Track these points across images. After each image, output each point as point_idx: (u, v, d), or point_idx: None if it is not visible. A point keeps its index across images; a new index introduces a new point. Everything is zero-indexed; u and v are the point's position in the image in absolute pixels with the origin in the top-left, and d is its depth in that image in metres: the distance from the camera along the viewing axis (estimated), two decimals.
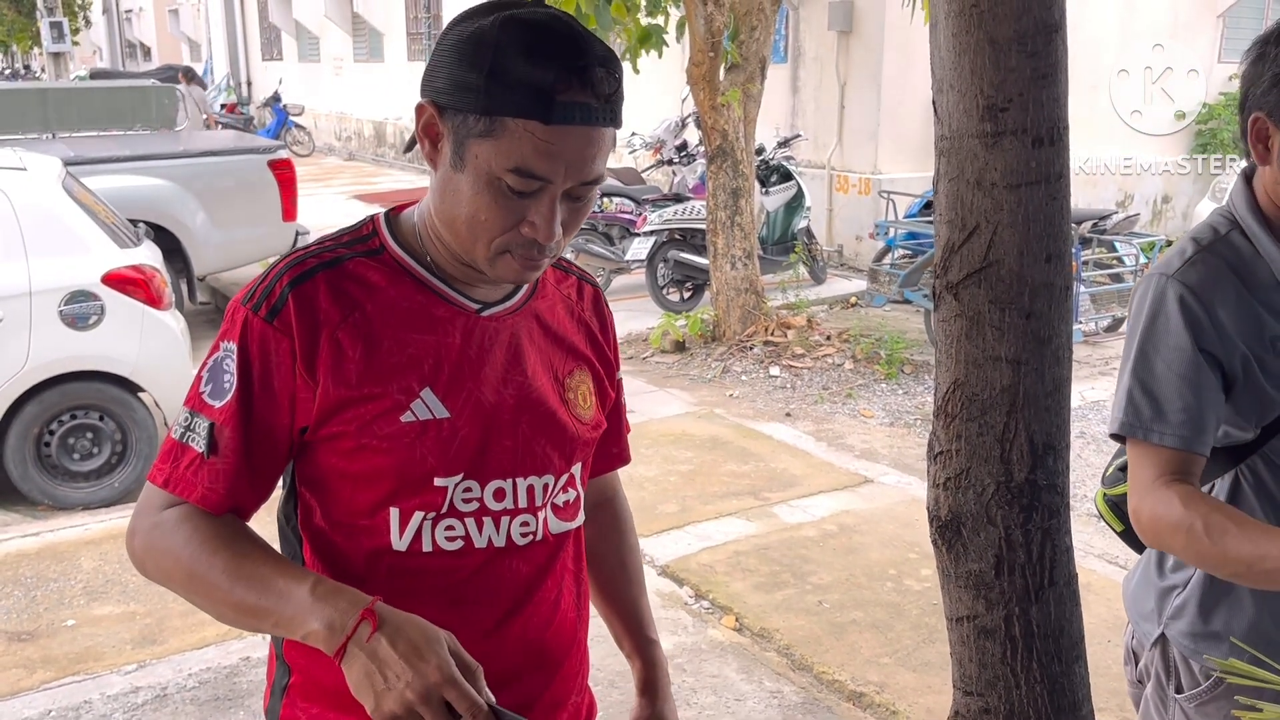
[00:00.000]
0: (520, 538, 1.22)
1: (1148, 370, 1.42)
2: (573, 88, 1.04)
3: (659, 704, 1.45)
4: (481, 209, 1.08)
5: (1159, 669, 1.59)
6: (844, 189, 9.69)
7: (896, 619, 3.72)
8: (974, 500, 0.95)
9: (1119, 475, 1.74)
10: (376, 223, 1.22)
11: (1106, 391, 6.32)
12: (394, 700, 0.96)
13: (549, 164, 1.05)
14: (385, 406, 1.14)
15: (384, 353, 1.14)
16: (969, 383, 0.94)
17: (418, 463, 1.15)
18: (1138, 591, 1.64)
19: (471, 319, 1.20)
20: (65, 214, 4.85)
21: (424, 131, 1.11)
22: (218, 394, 1.12)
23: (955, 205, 0.94)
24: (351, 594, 1.03)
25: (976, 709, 0.97)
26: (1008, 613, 0.95)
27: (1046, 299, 0.93)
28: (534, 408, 1.22)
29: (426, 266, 1.19)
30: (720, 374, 6.67)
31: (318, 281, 1.14)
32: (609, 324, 1.39)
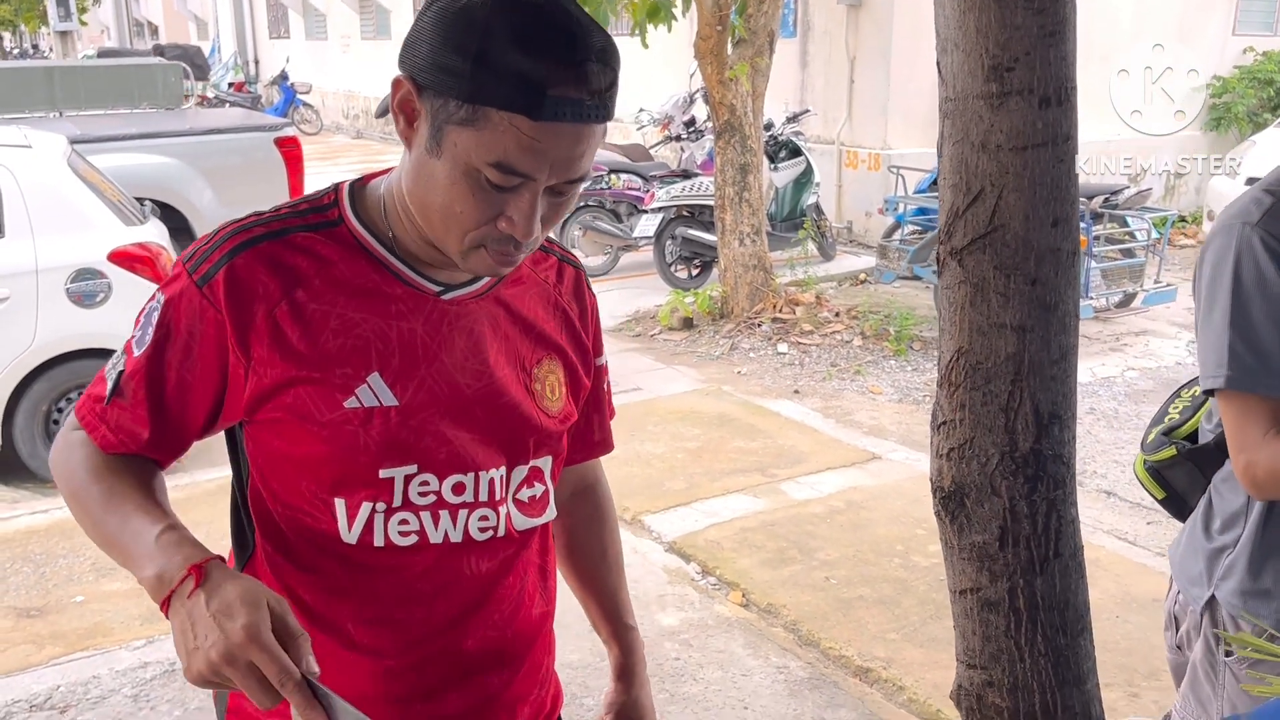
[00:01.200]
0: (479, 533, 1.16)
1: (1246, 321, 1.38)
2: (565, 82, 0.96)
3: (635, 690, 1.42)
4: (457, 200, 1.01)
5: (1209, 633, 1.58)
6: (853, 164, 9.63)
7: (903, 595, 3.71)
8: (978, 471, 0.93)
9: (1162, 440, 1.72)
10: (339, 193, 1.15)
11: (1118, 368, 6.29)
12: (200, 660, 0.90)
13: (533, 161, 0.98)
14: (326, 390, 1.08)
15: (329, 333, 1.08)
16: (973, 351, 0.92)
17: (360, 451, 1.09)
18: (1185, 556, 1.62)
19: (431, 302, 1.13)
20: (71, 192, 4.84)
21: (399, 107, 1.03)
22: (139, 343, 1.09)
23: (959, 169, 0.92)
24: (193, 549, 0.98)
25: (980, 682, 0.95)
26: (1012, 585, 0.93)
27: (1053, 265, 0.91)
28: (495, 398, 1.16)
29: (388, 244, 1.12)
30: (728, 351, 6.64)
31: (260, 252, 1.08)
32: (590, 309, 1.31)
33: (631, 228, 8.00)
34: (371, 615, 1.14)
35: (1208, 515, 1.59)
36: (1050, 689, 0.95)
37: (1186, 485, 1.68)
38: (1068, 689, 0.95)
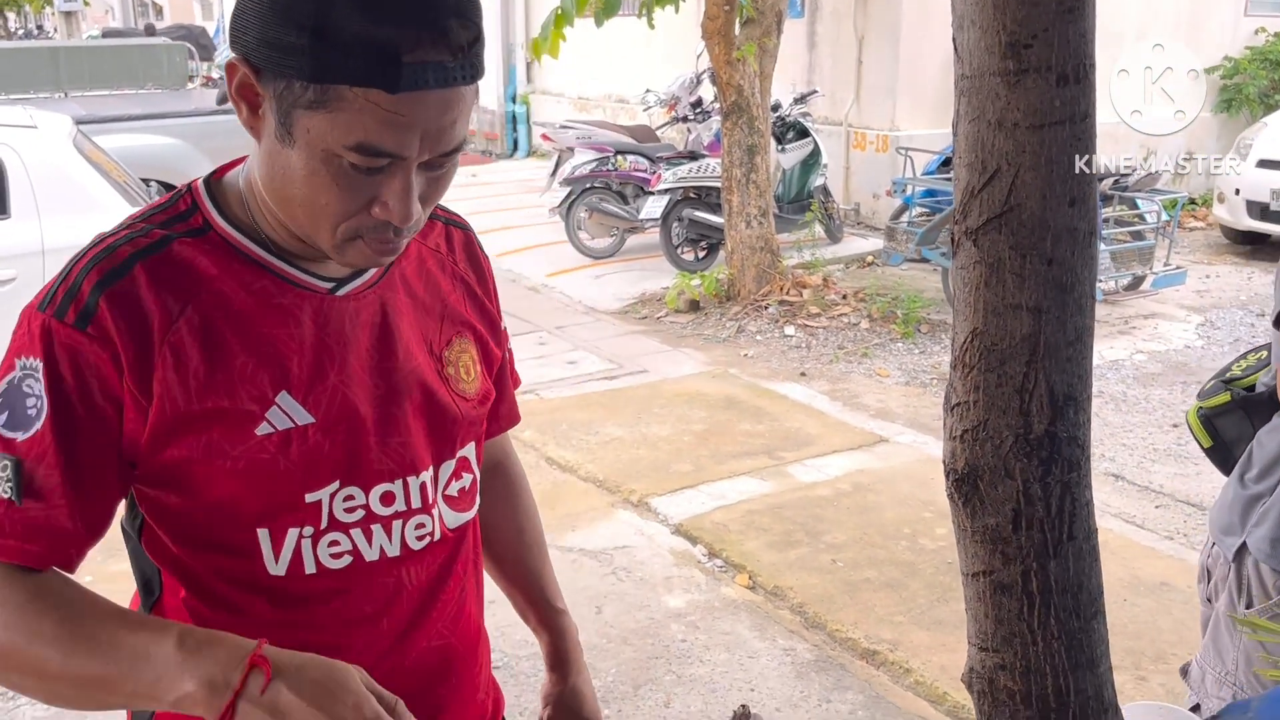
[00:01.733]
0: (416, 542, 1.07)
1: None
2: (423, 45, 0.85)
3: (572, 677, 1.32)
4: (320, 191, 0.90)
5: (1233, 585, 1.59)
6: (861, 146, 9.58)
7: (911, 578, 3.71)
8: (991, 453, 0.92)
9: (1220, 386, 1.72)
10: (196, 195, 1.01)
11: (1126, 351, 6.26)
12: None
13: (399, 137, 0.87)
14: (236, 420, 0.96)
15: (227, 355, 0.96)
16: (988, 332, 0.91)
17: (282, 479, 0.98)
18: (1220, 509, 1.64)
19: (325, 301, 1.01)
20: (77, 172, 4.83)
21: (238, 94, 0.90)
22: (20, 424, 0.90)
23: (975, 147, 0.91)
24: (229, 640, 0.86)
25: (992, 665, 0.95)
26: (1025, 568, 0.92)
27: (1069, 245, 0.89)
28: (411, 394, 1.06)
29: (263, 243, 1.00)
30: (735, 334, 6.63)
31: (136, 276, 0.93)
32: (486, 271, 1.21)
33: (638, 209, 7.97)
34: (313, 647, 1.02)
35: (1246, 465, 1.61)
36: (1063, 672, 0.94)
37: (1235, 435, 1.70)
38: (1081, 672, 0.95)
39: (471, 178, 12.17)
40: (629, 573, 3.77)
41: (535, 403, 5.45)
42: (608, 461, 4.72)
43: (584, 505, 4.34)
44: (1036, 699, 0.98)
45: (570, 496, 4.42)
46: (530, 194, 10.23)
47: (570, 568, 3.80)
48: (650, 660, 3.25)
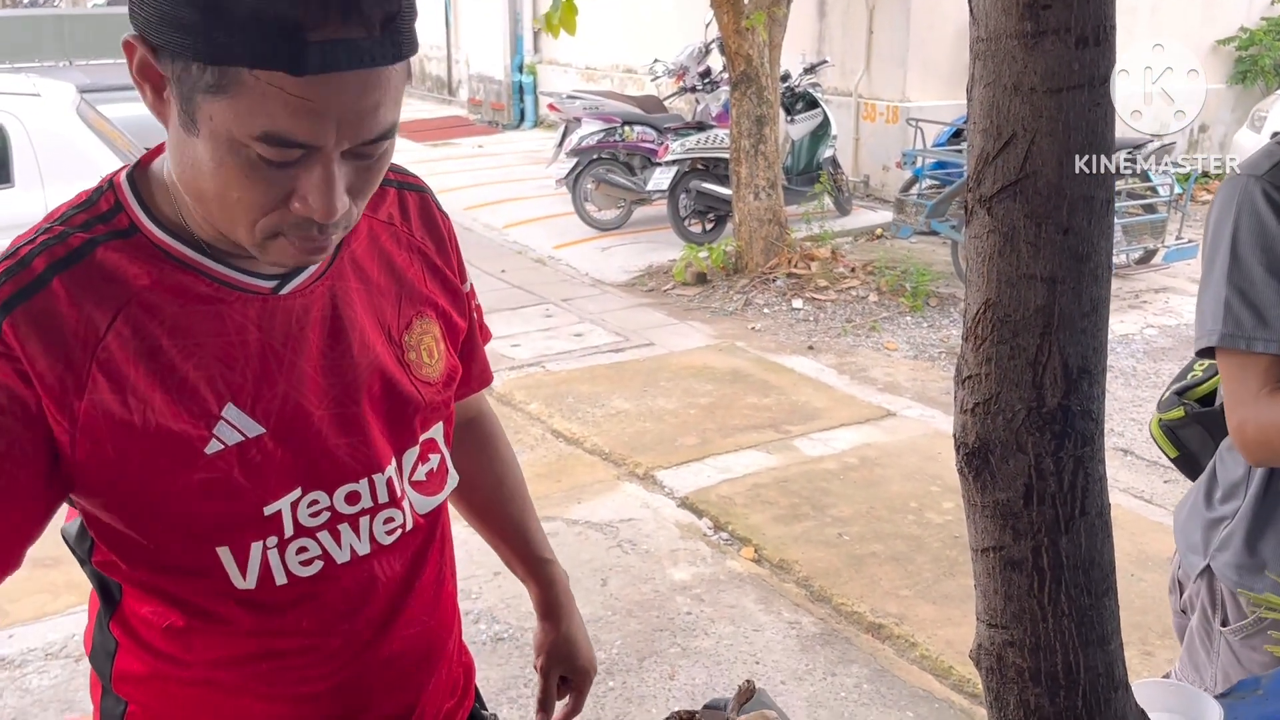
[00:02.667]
0: (386, 536, 1.03)
1: (1244, 277, 1.35)
2: (331, 20, 0.76)
3: (564, 624, 1.30)
4: (231, 184, 0.81)
5: (1205, 602, 1.56)
6: (871, 117, 9.49)
7: (917, 552, 3.70)
8: (1003, 426, 0.90)
9: (1174, 399, 1.68)
10: (119, 192, 0.91)
11: (1137, 325, 6.22)
12: None
13: (310, 125, 0.78)
14: (183, 440, 0.89)
15: (165, 370, 0.88)
16: (1001, 303, 0.89)
17: (238, 495, 0.92)
18: (1187, 523, 1.60)
19: (268, 302, 0.94)
20: (81, 141, 4.81)
21: (140, 74, 0.81)
22: None
23: (990, 112, 0.88)
24: None
25: (1001, 642, 0.93)
26: (1036, 544, 0.91)
27: (1086, 213, 0.87)
28: (369, 388, 1.00)
29: (194, 243, 0.91)
30: (742, 307, 6.60)
31: (54, 290, 0.85)
32: (446, 235, 1.12)
33: (645, 181, 7.92)
34: (292, 649, 1.01)
35: (1210, 483, 1.56)
36: (1073, 649, 0.93)
37: (1199, 446, 1.66)
38: (1091, 649, 0.93)
39: (478, 149, 12.11)
40: (634, 545, 3.77)
41: (541, 375, 5.44)
42: (614, 434, 4.71)
43: (590, 478, 4.34)
44: (1046, 676, 0.96)
45: (576, 469, 4.42)
46: (537, 165, 10.17)
47: (576, 540, 3.80)
48: (655, 633, 3.25)
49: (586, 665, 1.33)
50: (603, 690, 2.97)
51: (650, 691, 2.97)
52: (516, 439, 4.64)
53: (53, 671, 2.98)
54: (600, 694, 2.96)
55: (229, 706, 1.02)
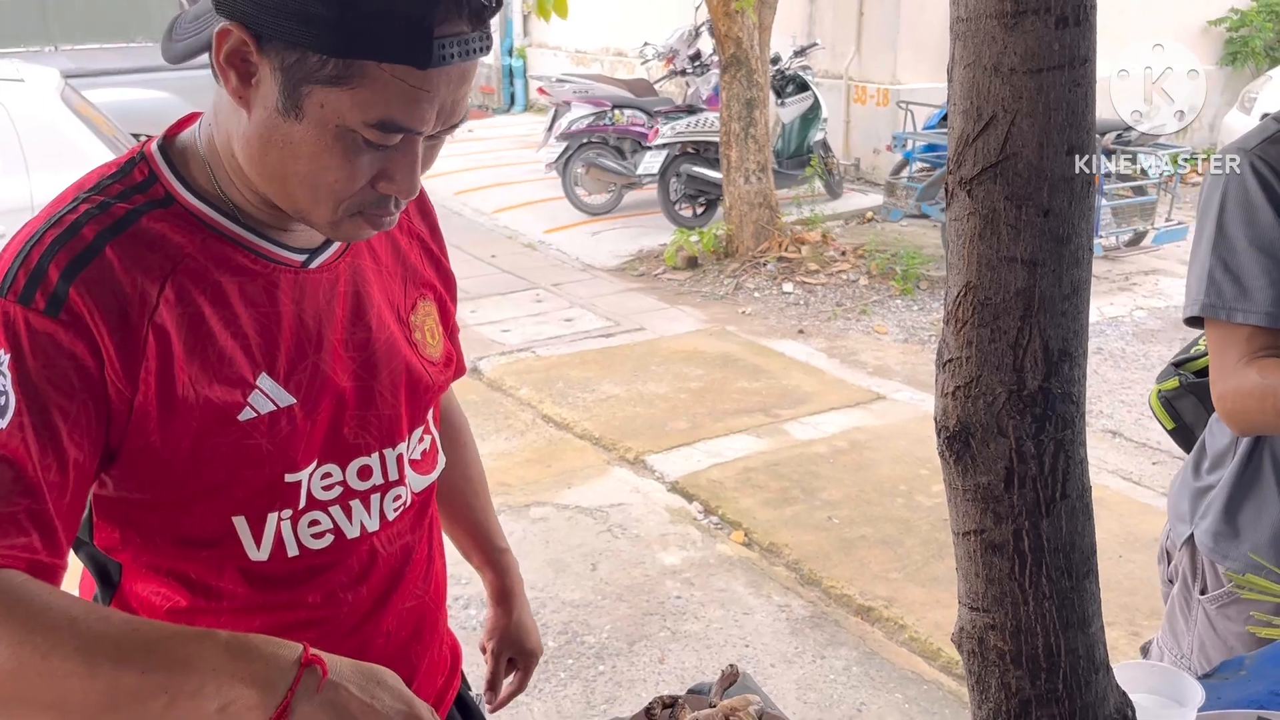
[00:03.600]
0: (393, 513, 1.06)
1: (1228, 247, 1.37)
2: (450, 17, 0.81)
3: (516, 611, 1.36)
4: (330, 168, 0.86)
5: (1186, 570, 1.58)
6: (861, 100, 9.47)
7: (906, 535, 3.71)
8: (984, 410, 0.90)
9: (1171, 370, 1.70)
10: (152, 163, 0.94)
11: (1126, 308, 6.23)
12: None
13: (421, 113, 0.84)
14: (220, 408, 0.91)
15: (208, 338, 0.91)
16: (981, 285, 0.89)
17: (264, 464, 0.94)
18: (1177, 494, 1.63)
19: (299, 275, 0.97)
20: (65, 127, 4.77)
21: (227, 61, 0.84)
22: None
23: (971, 94, 0.87)
24: (274, 642, 0.83)
25: (982, 625, 0.93)
26: (1017, 527, 0.91)
27: (1066, 195, 0.86)
28: (387, 365, 1.03)
29: (230, 214, 0.94)
30: (733, 291, 6.59)
31: (108, 258, 0.87)
32: (435, 221, 1.17)
33: (635, 165, 7.90)
34: (293, 624, 1.01)
35: (1200, 454, 1.59)
36: (1054, 632, 0.93)
37: (1194, 418, 1.68)
38: (1072, 632, 0.93)
39: (467, 133, 12.04)
40: (625, 530, 3.77)
41: (532, 360, 5.43)
42: (604, 419, 4.71)
43: (580, 463, 4.34)
44: (1027, 659, 0.96)
45: (566, 454, 4.42)
46: (527, 149, 10.13)
47: (566, 525, 3.80)
48: (645, 617, 3.25)
49: (534, 648, 1.40)
50: (593, 674, 2.98)
51: (640, 675, 2.98)
52: (507, 424, 4.64)
53: None
54: (590, 678, 2.97)
55: None
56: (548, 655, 3.04)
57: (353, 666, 0.85)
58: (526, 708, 2.77)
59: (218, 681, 0.79)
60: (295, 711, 0.80)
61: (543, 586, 3.35)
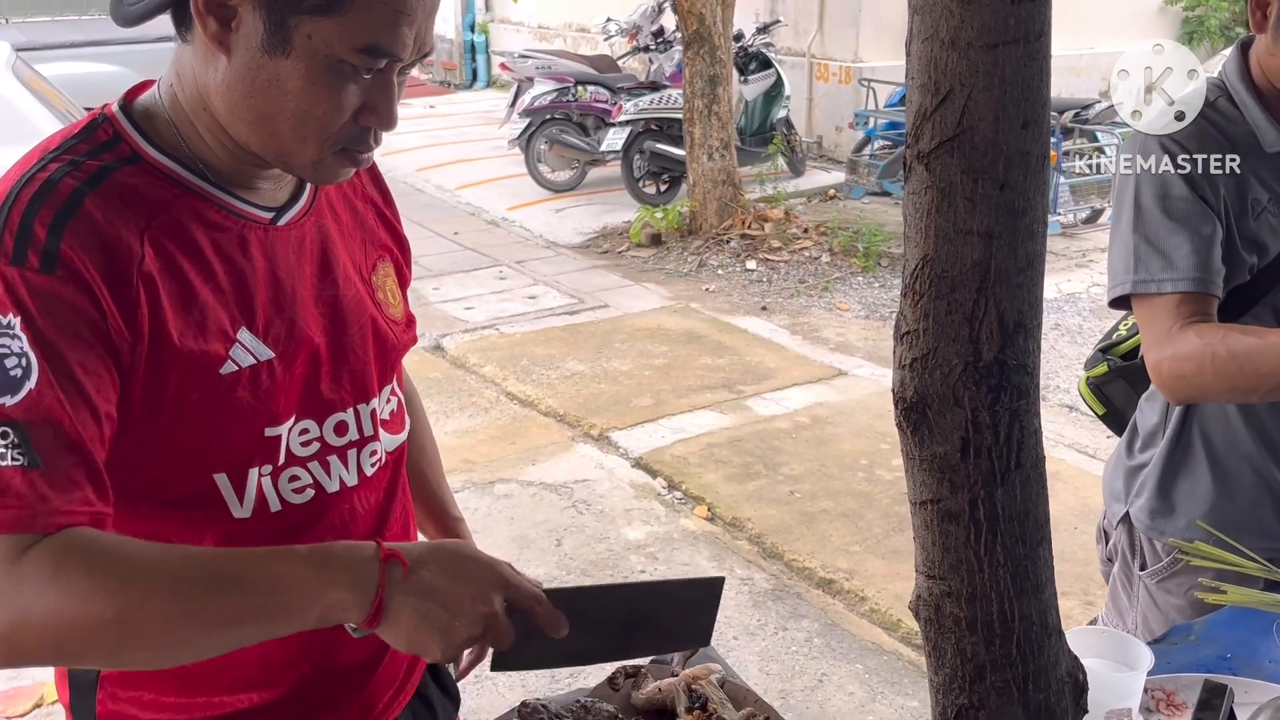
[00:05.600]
0: (370, 468, 1.07)
1: (1147, 224, 1.41)
2: None
3: None
4: (319, 101, 0.88)
5: (1125, 547, 1.62)
6: (824, 78, 9.49)
7: (867, 508, 3.76)
8: (940, 381, 0.91)
9: (1099, 356, 1.73)
10: (116, 123, 0.93)
11: (1083, 284, 6.31)
12: (465, 623, 0.86)
13: (402, 36, 0.87)
14: (204, 360, 0.91)
15: (190, 290, 0.91)
16: (938, 258, 0.90)
17: (246, 418, 0.95)
18: (1111, 474, 1.66)
19: (269, 232, 0.98)
20: (17, 100, 4.67)
21: (206, 8, 0.86)
22: (5, 387, 0.81)
23: (928, 68, 0.88)
24: (346, 546, 0.87)
25: (939, 592, 0.95)
26: (973, 496, 0.92)
27: (1022, 169, 0.88)
28: (355, 322, 1.05)
29: (199, 172, 0.94)
30: (696, 268, 6.60)
31: (89, 211, 0.86)
32: (386, 187, 1.19)
33: (599, 141, 7.86)
34: None
35: (1132, 434, 1.63)
36: (1009, 598, 0.95)
37: (1124, 402, 1.71)
38: (1026, 598, 0.95)
39: (429, 109, 11.93)
40: (589, 505, 3.78)
41: (495, 338, 5.41)
42: (568, 396, 4.71)
43: (544, 440, 4.34)
44: (982, 625, 0.98)
45: (531, 431, 4.42)
46: (489, 126, 10.05)
47: (531, 501, 3.81)
48: None
49: None
50: None
51: None
52: (471, 402, 4.63)
53: None
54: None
55: None
56: None
57: (429, 549, 0.89)
58: (490, 681, 2.77)
59: (312, 593, 0.84)
60: (390, 603, 0.85)
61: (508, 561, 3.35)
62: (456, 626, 0.87)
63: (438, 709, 1.29)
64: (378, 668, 1.14)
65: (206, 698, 1.04)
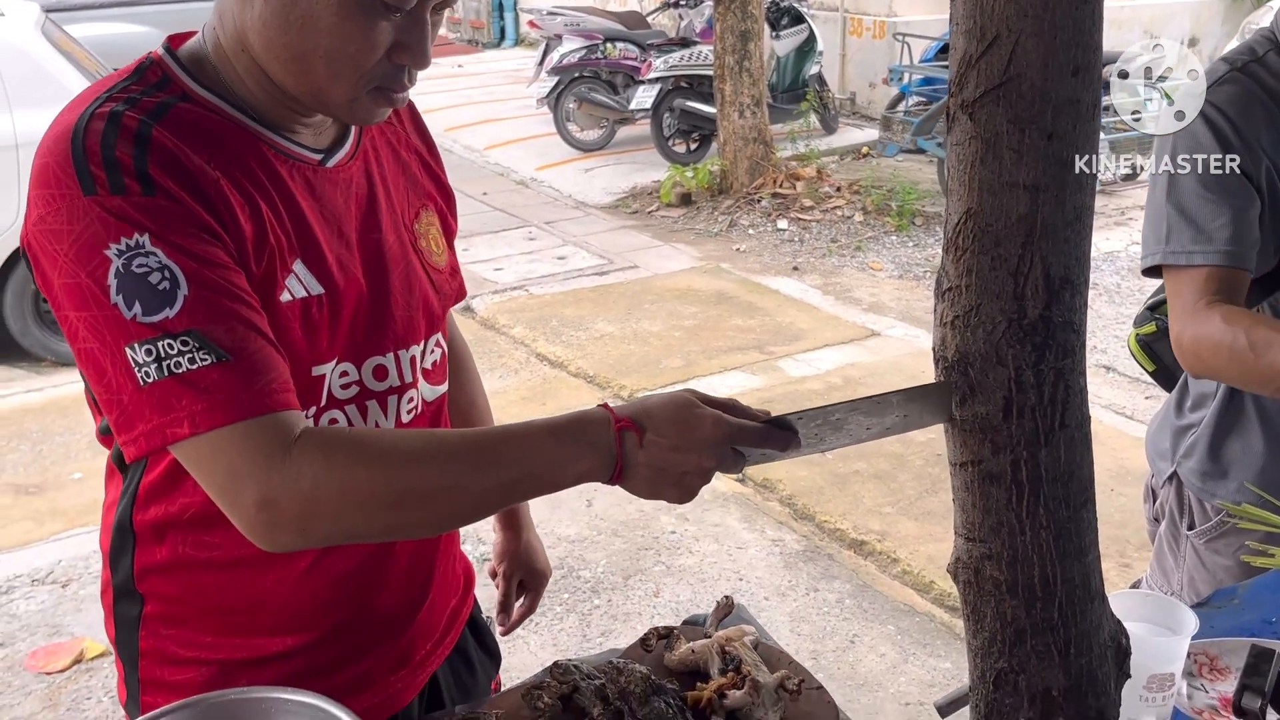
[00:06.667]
0: (407, 415, 1.08)
1: (1181, 192, 1.37)
2: None
3: (525, 534, 1.42)
4: (352, 38, 0.88)
5: (1173, 506, 1.59)
6: (858, 33, 9.32)
7: (899, 469, 3.73)
8: (983, 339, 0.88)
9: (1147, 315, 1.69)
10: (164, 66, 0.95)
11: (1121, 242, 6.20)
12: (697, 476, 0.91)
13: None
14: (268, 285, 0.93)
15: (251, 220, 0.92)
16: (982, 212, 0.87)
17: (297, 351, 0.95)
18: (1157, 432, 1.63)
19: (317, 173, 1.00)
20: (48, 62, 4.67)
21: None
22: (162, 302, 0.83)
23: (974, 12, 0.84)
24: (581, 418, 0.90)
25: (978, 555, 0.93)
26: (1015, 457, 0.90)
27: (1071, 118, 0.84)
28: (396, 266, 1.05)
29: (245, 111, 0.96)
30: (727, 228, 6.55)
31: (159, 140, 0.87)
32: (430, 138, 1.20)
33: (628, 99, 7.79)
34: None
35: (1182, 394, 1.60)
36: (1051, 561, 0.93)
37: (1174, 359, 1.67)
38: (1069, 561, 0.93)
39: (457, 68, 11.86)
40: None
41: (525, 299, 5.40)
42: (598, 357, 4.69)
43: (574, 401, 4.33)
44: (1023, 588, 0.96)
45: (561, 392, 4.41)
46: (518, 85, 9.99)
47: None
48: (640, 551, 3.27)
49: (544, 569, 1.44)
50: (588, 608, 3.00)
51: (635, 609, 3.01)
52: (500, 363, 4.63)
53: (39, 597, 2.99)
54: (585, 611, 2.99)
55: (254, 587, 1.04)
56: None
57: (661, 410, 0.91)
58: (523, 641, 2.79)
59: (563, 465, 0.89)
60: (629, 468, 0.89)
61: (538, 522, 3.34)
62: (689, 480, 0.91)
63: (477, 666, 1.30)
64: (416, 615, 1.15)
65: (244, 639, 1.05)
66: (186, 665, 1.06)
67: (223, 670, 1.05)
